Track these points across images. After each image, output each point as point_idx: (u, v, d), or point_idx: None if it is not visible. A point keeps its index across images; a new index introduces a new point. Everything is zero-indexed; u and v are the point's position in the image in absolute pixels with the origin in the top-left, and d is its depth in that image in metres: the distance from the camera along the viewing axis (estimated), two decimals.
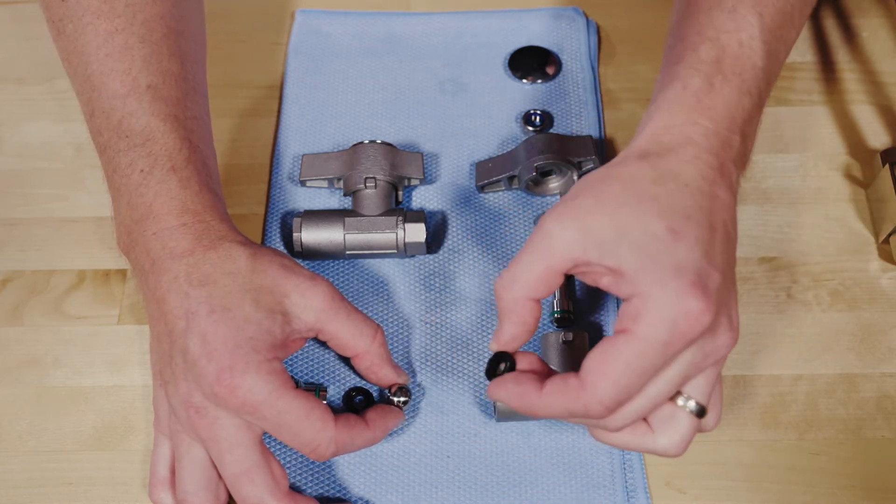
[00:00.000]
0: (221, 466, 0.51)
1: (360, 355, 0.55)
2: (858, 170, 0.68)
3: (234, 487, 0.51)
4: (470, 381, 0.60)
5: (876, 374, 0.61)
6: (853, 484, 0.57)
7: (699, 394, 0.48)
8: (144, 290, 0.53)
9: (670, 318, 0.44)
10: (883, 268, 0.64)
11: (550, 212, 0.48)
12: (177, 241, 0.52)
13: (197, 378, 0.50)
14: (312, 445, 0.51)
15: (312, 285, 0.53)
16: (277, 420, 0.50)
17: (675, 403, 0.48)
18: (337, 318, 0.53)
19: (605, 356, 0.46)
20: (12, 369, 0.61)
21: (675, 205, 0.47)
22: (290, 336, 0.52)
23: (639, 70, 0.73)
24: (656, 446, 0.49)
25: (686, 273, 0.45)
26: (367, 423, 0.54)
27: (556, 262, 0.47)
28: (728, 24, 0.52)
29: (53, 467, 0.58)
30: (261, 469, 0.51)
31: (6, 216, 0.67)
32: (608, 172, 0.49)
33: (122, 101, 0.54)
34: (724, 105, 0.50)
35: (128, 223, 0.54)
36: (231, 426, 0.50)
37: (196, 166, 0.54)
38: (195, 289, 0.51)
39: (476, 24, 0.75)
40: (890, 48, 0.74)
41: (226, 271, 0.51)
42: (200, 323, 0.50)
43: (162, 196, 0.53)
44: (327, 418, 0.51)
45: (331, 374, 0.61)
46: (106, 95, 0.55)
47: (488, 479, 0.57)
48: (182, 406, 0.51)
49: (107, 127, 0.55)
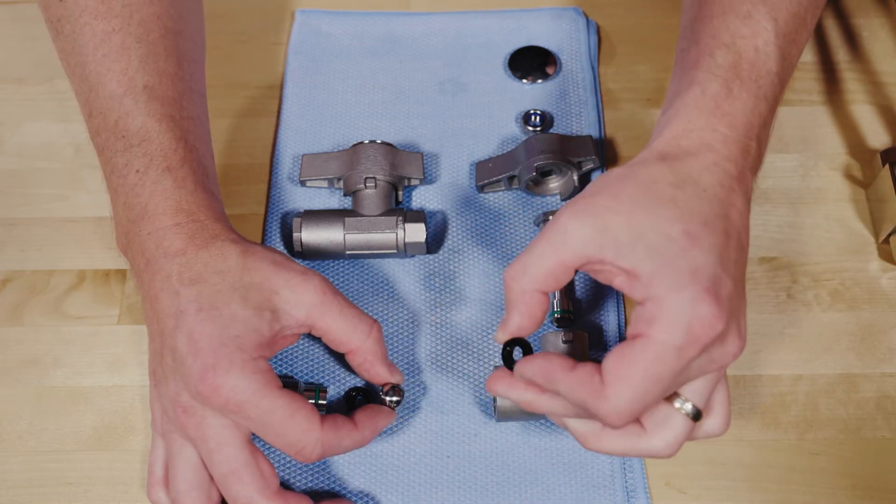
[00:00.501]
0: (210, 466, 0.51)
1: (354, 351, 0.55)
2: (858, 170, 0.68)
3: (223, 486, 0.51)
4: (470, 381, 0.60)
5: (876, 374, 0.61)
6: (853, 484, 0.57)
7: (697, 397, 0.48)
8: (140, 289, 0.54)
9: (685, 322, 0.44)
10: (883, 268, 0.64)
11: (567, 207, 0.48)
12: (170, 240, 0.52)
13: (184, 377, 0.50)
14: (298, 447, 0.51)
15: (303, 280, 0.52)
16: (261, 420, 0.50)
17: (672, 405, 0.48)
18: (329, 313, 0.53)
19: (623, 360, 0.46)
20: (12, 369, 0.61)
21: (692, 210, 0.47)
22: (279, 333, 0.52)
23: (639, 70, 0.73)
24: (649, 447, 0.49)
25: (701, 279, 0.45)
26: (356, 424, 0.54)
27: (569, 258, 0.47)
28: (743, 29, 0.52)
29: (53, 467, 0.58)
30: (249, 468, 0.50)
31: (6, 216, 0.67)
32: (627, 172, 0.49)
33: (119, 102, 0.54)
34: (742, 111, 0.50)
35: (125, 223, 0.54)
36: (218, 426, 0.50)
37: (192, 166, 0.54)
38: (186, 287, 0.51)
39: (476, 24, 0.75)
40: (890, 48, 0.74)
41: (216, 269, 0.51)
42: (188, 321, 0.50)
43: (157, 196, 0.53)
44: (313, 419, 0.51)
45: (331, 374, 0.61)
46: (103, 96, 0.55)
47: (488, 479, 0.57)
48: (171, 405, 0.51)
49: (104, 127, 0.55)
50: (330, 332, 0.54)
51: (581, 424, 0.50)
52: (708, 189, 0.48)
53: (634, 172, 0.49)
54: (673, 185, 0.47)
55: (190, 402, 0.50)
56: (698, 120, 0.50)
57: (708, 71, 0.51)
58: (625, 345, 0.46)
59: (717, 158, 0.49)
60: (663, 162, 0.49)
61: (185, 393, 0.50)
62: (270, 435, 0.50)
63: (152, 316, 0.52)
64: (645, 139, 0.70)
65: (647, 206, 0.46)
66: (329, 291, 0.53)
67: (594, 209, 0.47)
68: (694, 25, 0.55)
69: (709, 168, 0.48)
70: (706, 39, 0.53)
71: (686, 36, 0.56)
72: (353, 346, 0.54)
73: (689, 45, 0.54)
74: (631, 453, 0.49)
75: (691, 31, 0.55)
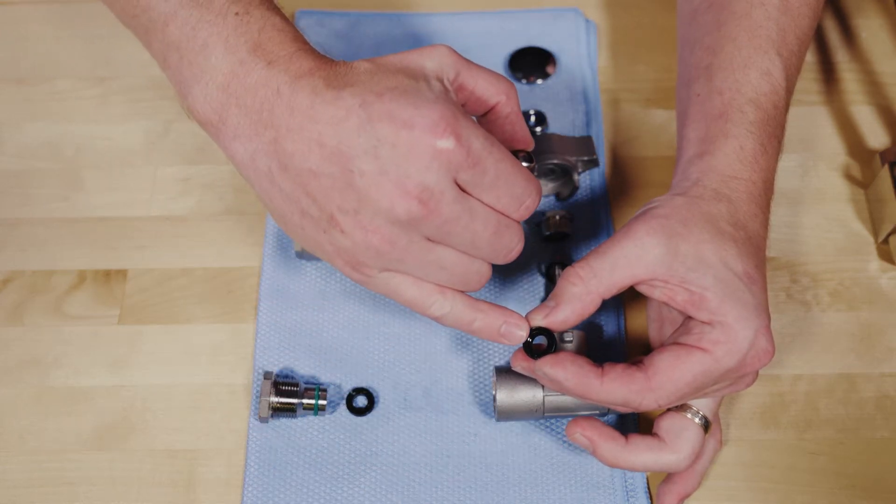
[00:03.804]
0: (475, 237, 0.47)
1: (503, 101, 0.51)
2: (858, 170, 0.68)
3: (494, 244, 0.48)
4: (470, 381, 0.60)
5: (875, 374, 0.61)
6: (853, 484, 0.57)
7: (706, 409, 0.53)
8: (266, 131, 0.47)
9: (744, 351, 0.50)
10: (882, 268, 0.65)
11: (643, 222, 0.51)
12: (298, 63, 0.47)
13: (410, 150, 0.44)
14: (522, 198, 0.48)
15: (431, 48, 0.49)
16: (496, 169, 0.46)
17: (685, 416, 0.53)
18: (471, 66, 0.49)
19: (678, 362, 0.50)
20: (12, 369, 0.61)
21: (748, 253, 0.52)
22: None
23: (639, 70, 0.73)
24: (669, 461, 0.53)
25: (762, 316, 0.51)
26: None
27: (641, 273, 0.50)
28: (764, 85, 0.56)
29: (53, 467, 0.58)
30: (509, 224, 0.48)
31: (6, 216, 0.67)
32: (691, 202, 0.52)
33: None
34: (772, 165, 0.56)
35: (225, 74, 0.48)
36: (454, 200, 0.45)
37: (285, 13, 0.51)
38: (345, 89, 0.45)
39: (476, 24, 0.75)
40: (890, 48, 0.74)
41: (360, 75, 0.46)
42: (376, 108, 0.44)
43: (268, 30, 0.48)
44: (529, 173, 0.48)
45: (331, 374, 0.61)
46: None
47: (488, 479, 0.57)
48: (402, 201, 0.45)
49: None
50: (478, 82, 0.49)
51: (609, 449, 0.53)
52: (753, 237, 0.53)
53: (698, 206, 0.52)
54: (731, 226, 0.52)
55: (420, 185, 0.44)
56: (742, 171, 0.54)
57: (742, 126, 0.55)
58: (681, 351, 0.50)
59: (756, 210, 0.54)
60: (720, 202, 0.52)
61: (413, 176, 0.44)
62: (501, 186, 0.47)
63: (303, 141, 0.46)
64: (645, 139, 0.70)
65: (712, 240, 0.51)
66: (456, 52, 0.49)
67: (668, 231, 0.50)
68: (713, 73, 0.58)
69: (754, 216, 0.53)
70: (730, 93, 0.56)
71: (701, 79, 0.58)
72: (501, 96, 0.50)
73: (708, 92, 0.57)
74: (653, 467, 0.53)
75: (708, 78, 0.58)
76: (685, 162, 0.56)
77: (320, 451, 0.58)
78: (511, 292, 0.64)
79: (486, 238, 0.48)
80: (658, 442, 0.53)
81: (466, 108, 0.51)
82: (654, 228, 0.51)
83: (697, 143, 0.56)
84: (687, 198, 0.53)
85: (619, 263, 0.50)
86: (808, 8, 0.60)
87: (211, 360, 0.62)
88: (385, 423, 0.59)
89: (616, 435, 0.53)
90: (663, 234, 0.50)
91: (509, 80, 0.51)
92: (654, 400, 0.50)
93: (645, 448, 0.53)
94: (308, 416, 0.59)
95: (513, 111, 0.51)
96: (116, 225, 0.66)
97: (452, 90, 0.48)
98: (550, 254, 0.64)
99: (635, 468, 0.53)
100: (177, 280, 0.64)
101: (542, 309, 0.51)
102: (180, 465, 0.58)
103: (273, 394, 0.58)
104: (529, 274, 0.64)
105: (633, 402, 0.50)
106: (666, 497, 0.55)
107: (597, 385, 0.50)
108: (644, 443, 0.53)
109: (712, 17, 0.60)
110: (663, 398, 0.50)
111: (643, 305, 0.62)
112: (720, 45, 0.58)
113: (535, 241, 0.65)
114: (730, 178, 0.54)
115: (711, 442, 0.55)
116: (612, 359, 0.55)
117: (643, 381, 0.50)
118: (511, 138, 0.52)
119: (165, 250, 0.65)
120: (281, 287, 0.63)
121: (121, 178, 0.68)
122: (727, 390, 0.53)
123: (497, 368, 0.57)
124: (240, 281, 0.64)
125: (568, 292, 0.51)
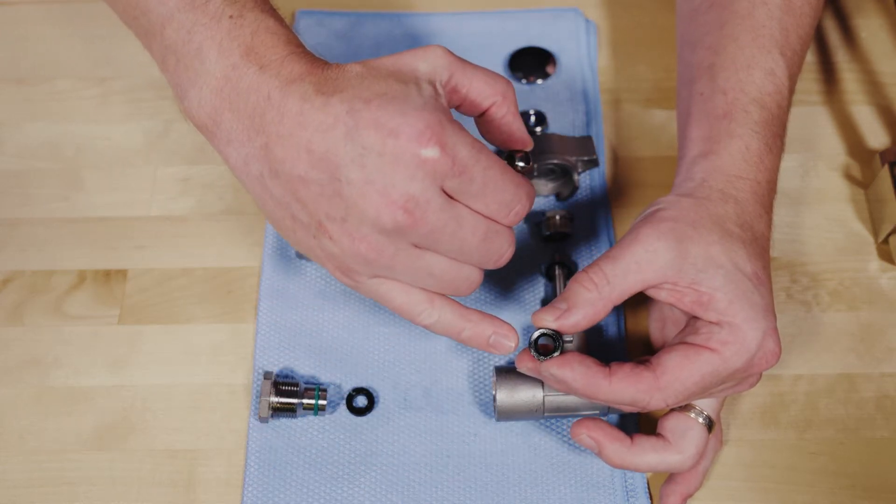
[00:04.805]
0: (464, 244, 0.47)
1: (498, 103, 0.50)
2: (858, 170, 0.68)
3: (483, 249, 0.48)
4: (470, 381, 0.60)
5: (875, 374, 0.61)
6: (853, 484, 0.57)
7: (710, 409, 0.53)
8: (258, 137, 0.47)
9: (752, 351, 0.50)
10: (882, 268, 0.65)
11: (651, 226, 0.51)
12: (290, 67, 0.47)
13: (396, 159, 0.44)
14: (512, 205, 0.47)
15: (425, 49, 0.48)
16: (483, 176, 0.46)
17: (689, 416, 0.53)
18: (466, 66, 0.49)
19: (687, 362, 0.50)
20: (12, 369, 0.61)
21: (755, 254, 0.52)
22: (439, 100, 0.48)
23: (639, 70, 0.73)
24: (674, 461, 0.53)
25: (770, 317, 0.51)
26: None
27: (652, 278, 0.51)
28: (768, 86, 0.57)
29: (53, 467, 0.58)
30: (498, 230, 0.48)
31: (6, 216, 0.67)
32: (699, 204, 0.52)
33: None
34: (776, 165, 0.56)
35: (218, 79, 0.48)
36: (440, 209, 0.45)
37: (278, 13, 0.51)
38: (334, 95, 0.45)
39: (476, 24, 0.75)
40: (890, 48, 0.74)
41: (350, 80, 0.46)
42: (363, 115, 0.44)
43: (261, 33, 0.48)
44: (519, 177, 0.48)
45: (331, 374, 0.61)
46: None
47: (488, 479, 0.57)
48: (388, 211, 0.44)
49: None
50: (473, 84, 0.49)
51: (615, 450, 0.53)
52: (759, 238, 0.53)
53: (706, 207, 0.52)
54: (739, 227, 0.52)
55: (408, 194, 0.44)
56: (747, 171, 0.54)
57: (746, 127, 0.55)
58: (690, 351, 0.50)
59: (761, 211, 0.54)
60: (727, 203, 0.53)
61: (399, 185, 0.44)
62: (490, 193, 0.46)
63: (294, 147, 0.45)
64: (645, 139, 0.70)
65: (721, 241, 0.51)
66: (452, 53, 0.49)
67: (678, 234, 0.51)
68: (716, 72, 0.58)
69: (759, 216, 0.54)
70: (734, 93, 0.56)
71: (703, 78, 0.58)
72: (497, 97, 0.50)
73: (711, 91, 0.57)
74: (658, 467, 0.53)
75: (711, 77, 0.58)
76: (688, 161, 0.56)
77: (320, 451, 0.58)
78: (511, 292, 0.64)
79: (474, 245, 0.47)
80: (663, 442, 0.53)
81: (461, 110, 0.51)
82: (664, 232, 0.51)
83: (701, 142, 0.56)
84: (694, 199, 0.53)
85: (631, 269, 0.50)
86: (810, 7, 0.60)
87: (211, 360, 0.62)
88: (385, 423, 0.59)
89: (621, 436, 0.53)
90: (673, 237, 0.50)
91: (507, 80, 0.51)
92: (662, 399, 0.50)
93: (650, 448, 0.53)
94: (308, 416, 0.59)
95: (509, 112, 0.51)
96: (116, 225, 0.66)
97: (445, 93, 0.48)
98: (550, 254, 0.64)
99: (640, 469, 0.53)
100: (177, 280, 0.64)
101: (552, 311, 0.51)
102: (180, 465, 0.58)
103: (273, 394, 0.58)
104: (529, 274, 0.64)
105: (641, 402, 0.50)
106: (669, 497, 0.55)
107: (605, 385, 0.50)
108: (649, 443, 0.53)
109: (714, 17, 0.60)
110: (671, 398, 0.50)
111: (643, 305, 0.62)
112: (722, 44, 0.58)
113: (535, 241, 0.65)
114: (735, 178, 0.54)
115: (713, 442, 0.55)
116: (612, 359, 0.55)
117: (651, 381, 0.50)
118: (508, 139, 0.52)
119: (165, 250, 0.65)
120: (281, 287, 0.63)
121: (121, 178, 0.68)
122: (732, 390, 0.53)
123: (497, 368, 0.57)
124: (240, 281, 0.64)
125: (581, 297, 0.51)
